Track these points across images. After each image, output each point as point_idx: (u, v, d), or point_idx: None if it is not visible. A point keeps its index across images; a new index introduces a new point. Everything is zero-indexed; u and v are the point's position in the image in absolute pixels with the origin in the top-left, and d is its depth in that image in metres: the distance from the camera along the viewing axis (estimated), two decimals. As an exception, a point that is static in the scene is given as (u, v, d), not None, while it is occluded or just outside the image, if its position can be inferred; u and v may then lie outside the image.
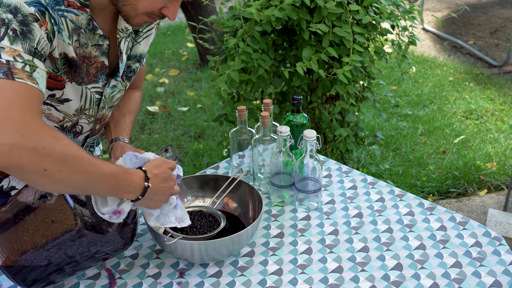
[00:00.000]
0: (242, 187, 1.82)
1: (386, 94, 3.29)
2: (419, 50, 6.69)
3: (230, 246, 1.57)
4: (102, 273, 1.60)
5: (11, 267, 1.37)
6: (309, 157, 1.80)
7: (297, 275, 1.58)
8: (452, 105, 5.15)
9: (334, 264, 1.62)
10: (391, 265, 1.61)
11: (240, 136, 1.95)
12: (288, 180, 1.87)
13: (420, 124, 4.79)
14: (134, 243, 1.73)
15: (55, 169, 1.18)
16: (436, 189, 3.86)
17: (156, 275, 1.60)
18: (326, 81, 2.81)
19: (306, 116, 1.98)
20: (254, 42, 2.67)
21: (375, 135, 3.38)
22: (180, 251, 1.55)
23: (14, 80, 1.20)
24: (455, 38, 6.95)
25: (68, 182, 1.22)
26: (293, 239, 1.74)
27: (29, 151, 1.13)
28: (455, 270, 1.59)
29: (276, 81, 2.91)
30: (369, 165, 3.89)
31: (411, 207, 1.89)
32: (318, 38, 2.73)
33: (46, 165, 1.16)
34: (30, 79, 1.23)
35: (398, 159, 4.23)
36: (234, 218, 1.80)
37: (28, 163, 1.14)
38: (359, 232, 1.77)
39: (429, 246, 1.70)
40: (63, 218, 1.35)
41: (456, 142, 4.47)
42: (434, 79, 5.78)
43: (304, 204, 1.88)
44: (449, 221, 1.81)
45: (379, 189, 2.00)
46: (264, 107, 1.94)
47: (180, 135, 4.67)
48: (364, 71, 3.01)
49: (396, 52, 2.94)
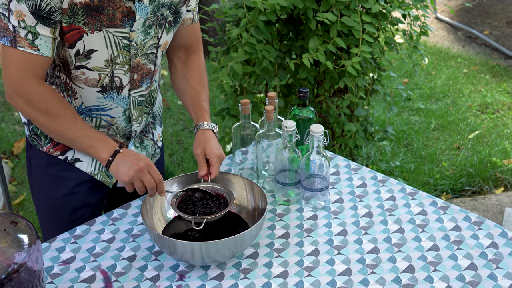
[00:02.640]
0: (245, 185, 1.81)
1: (397, 87, 3.29)
2: (432, 41, 6.67)
3: (233, 247, 1.57)
4: (97, 276, 1.60)
5: None
6: (316, 154, 1.79)
7: (303, 277, 1.58)
8: (467, 99, 5.14)
9: (342, 266, 1.62)
10: (402, 267, 1.61)
11: (243, 131, 1.95)
12: (294, 177, 1.87)
13: (433, 118, 4.78)
14: (131, 244, 1.73)
15: (40, 120, 1.67)
16: (450, 187, 3.86)
17: (154, 277, 1.59)
18: (334, 73, 2.81)
19: (312, 110, 1.98)
20: (258, 32, 2.67)
21: (385, 130, 3.38)
22: (180, 253, 1.55)
23: (16, 48, 1.57)
24: (470, 27, 6.93)
25: (51, 132, 1.70)
26: (299, 239, 1.74)
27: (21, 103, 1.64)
28: (470, 273, 1.58)
29: (281, 73, 2.91)
30: (379, 162, 3.89)
31: (423, 206, 1.89)
32: (326, 28, 2.72)
33: (33, 116, 1.66)
34: (31, 47, 1.57)
35: (410, 155, 4.22)
36: (237, 218, 1.80)
37: (21, 110, 1.67)
38: (368, 233, 1.76)
39: (442, 247, 1.69)
40: None
41: (471, 138, 4.46)
42: (447, 71, 5.77)
43: (311, 203, 1.88)
44: (464, 221, 1.81)
45: (389, 187, 1.99)
46: (268, 100, 1.93)
47: (180, 130, 4.67)
48: (374, 63, 3.01)
49: (408, 42, 2.93)
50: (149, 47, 1.77)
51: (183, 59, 1.99)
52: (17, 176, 4.07)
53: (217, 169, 1.78)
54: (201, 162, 1.79)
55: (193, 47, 2.00)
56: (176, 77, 1.99)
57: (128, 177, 1.66)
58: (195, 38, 2.00)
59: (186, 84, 1.96)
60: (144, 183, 1.67)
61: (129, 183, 1.68)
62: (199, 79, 1.97)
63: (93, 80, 1.73)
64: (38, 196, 1.96)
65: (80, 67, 1.70)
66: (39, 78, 1.64)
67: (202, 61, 2.02)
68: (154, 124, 2.08)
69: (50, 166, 1.89)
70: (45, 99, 1.64)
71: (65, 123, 1.68)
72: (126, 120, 1.87)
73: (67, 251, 1.71)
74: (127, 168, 1.66)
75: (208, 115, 1.90)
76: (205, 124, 1.86)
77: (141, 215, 1.65)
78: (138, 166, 1.66)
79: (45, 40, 1.58)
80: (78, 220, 1.93)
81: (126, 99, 1.82)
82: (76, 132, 1.69)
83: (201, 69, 2.00)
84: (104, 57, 1.69)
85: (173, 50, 1.98)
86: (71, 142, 1.72)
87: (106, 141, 1.71)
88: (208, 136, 1.83)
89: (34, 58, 1.60)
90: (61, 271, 1.63)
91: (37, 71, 1.62)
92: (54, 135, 1.72)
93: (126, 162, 1.67)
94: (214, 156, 1.78)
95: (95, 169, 1.91)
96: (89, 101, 1.78)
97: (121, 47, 1.70)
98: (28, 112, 1.66)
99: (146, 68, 1.81)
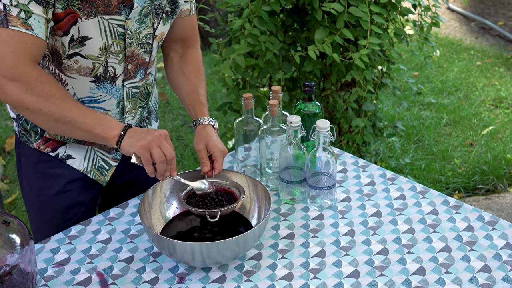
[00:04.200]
0: (248, 183, 1.81)
1: (407, 80, 3.29)
2: (443, 32, 6.66)
3: (235, 248, 1.57)
4: (93, 278, 1.60)
5: None
6: (322, 150, 1.79)
7: (309, 280, 1.58)
8: (480, 93, 5.13)
9: (349, 268, 1.62)
10: (412, 269, 1.61)
11: (246, 127, 1.95)
12: (299, 175, 1.87)
13: (445, 113, 4.77)
14: (128, 244, 1.73)
15: (36, 105, 1.57)
16: (463, 186, 3.86)
17: (153, 280, 1.59)
18: (341, 66, 2.81)
19: (318, 104, 1.98)
20: (262, 23, 2.67)
21: (395, 126, 3.37)
22: (179, 254, 1.55)
23: (8, 28, 1.51)
24: (484, 18, 6.92)
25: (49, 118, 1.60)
26: (304, 240, 1.74)
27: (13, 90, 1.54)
28: (483, 275, 1.58)
29: (285, 66, 2.91)
30: (388, 159, 3.88)
31: (434, 205, 1.88)
32: (332, 19, 2.72)
33: (27, 103, 1.56)
34: (24, 26, 1.52)
35: (421, 152, 4.22)
36: (240, 217, 1.80)
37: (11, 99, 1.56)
38: (377, 233, 1.76)
39: (454, 248, 1.69)
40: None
41: (484, 134, 4.45)
42: (460, 63, 5.76)
43: (317, 201, 1.88)
44: (477, 221, 1.80)
45: (399, 186, 1.99)
46: (272, 94, 1.93)
47: (179, 126, 4.67)
48: (382, 55, 3.00)
49: (418, 34, 2.93)
50: (144, 36, 1.77)
51: (180, 52, 1.99)
52: (9, 174, 4.08)
53: (221, 164, 1.78)
54: (204, 158, 1.79)
55: (190, 40, 2.01)
56: (172, 71, 1.99)
57: (146, 142, 1.58)
58: (192, 31, 2.00)
59: (184, 78, 1.96)
60: (163, 150, 1.60)
61: (147, 150, 1.59)
62: (197, 73, 1.98)
63: (86, 69, 1.73)
64: (29, 195, 1.97)
65: (73, 55, 1.68)
66: (34, 61, 1.58)
67: (199, 54, 2.03)
68: (150, 119, 2.08)
69: (40, 163, 1.89)
70: (41, 80, 1.58)
71: (66, 104, 1.60)
72: (119, 112, 1.87)
73: (62, 252, 1.71)
74: (143, 135, 1.60)
75: (207, 110, 1.90)
76: (205, 119, 1.86)
77: (139, 214, 1.64)
78: (156, 132, 1.61)
79: (38, 20, 1.54)
80: (70, 220, 1.93)
81: (119, 89, 1.82)
82: (78, 113, 1.61)
83: (199, 63, 2.00)
84: (98, 45, 1.68)
85: (169, 43, 1.98)
86: (73, 125, 1.61)
87: (113, 120, 1.65)
88: (210, 131, 1.83)
89: (28, 38, 1.54)
90: (55, 273, 1.62)
91: (31, 53, 1.57)
92: (52, 121, 1.61)
93: (140, 132, 1.62)
94: (218, 151, 1.78)
95: (88, 167, 1.91)
96: (82, 92, 1.77)
97: (116, 35, 1.70)
98: (22, 99, 1.56)
99: (141, 59, 1.81)
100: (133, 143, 1.60)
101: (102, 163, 1.93)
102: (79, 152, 1.90)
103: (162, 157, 1.60)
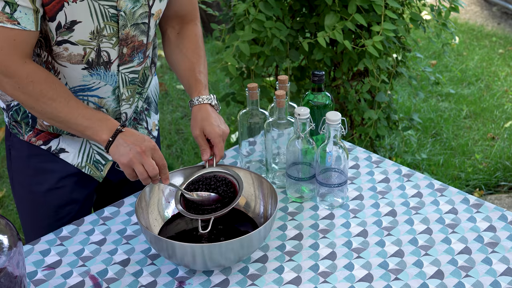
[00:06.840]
0: (253, 180, 1.81)
1: (424, 69, 3.28)
2: (463, 17, 6.65)
3: (239, 250, 1.57)
4: (86, 282, 1.61)
5: None
6: (332, 144, 1.79)
7: (318, 284, 1.58)
8: (503, 83, 5.13)
9: (362, 272, 1.62)
10: (430, 272, 1.61)
11: (250, 119, 1.95)
12: (308, 171, 1.87)
13: (465, 105, 4.77)
14: (124, 246, 1.73)
15: (29, 103, 1.66)
16: (484, 183, 3.85)
17: (150, 284, 1.60)
18: (353, 54, 2.80)
19: (329, 95, 1.98)
20: (268, 7, 2.66)
21: (411, 118, 3.37)
22: (179, 256, 1.55)
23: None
24: (506, 2, 6.90)
25: (43, 116, 1.69)
26: (313, 241, 1.74)
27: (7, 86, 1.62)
28: (506, 279, 1.58)
29: (293, 54, 2.90)
30: (403, 154, 3.88)
31: (453, 204, 1.88)
32: (344, 3, 2.72)
33: (21, 100, 1.65)
34: (10, 21, 1.55)
35: (438, 146, 4.22)
36: (244, 217, 1.80)
37: (8, 94, 1.65)
38: (392, 234, 1.76)
39: (475, 250, 1.69)
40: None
41: (507, 127, 4.45)
42: (481, 51, 5.76)
43: (327, 200, 1.88)
44: (499, 220, 1.80)
45: (415, 183, 1.99)
46: (279, 84, 1.93)
47: (179, 118, 4.68)
48: (397, 42, 3.00)
49: (436, 19, 2.92)
50: (140, 16, 1.75)
51: (177, 29, 1.98)
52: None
53: (221, 150, 1.77)
54: (202, 144, 1.78)
55: (188, 16, 1.99)
56: (169, 49, 1.99)
57: (127, 159, 1.63)
58: (190, 6, 1.98)
59: (180, 55, 1.95)
60: (145, 168, 1.64)
61: (128, 167, 1.65)
62: (195, 49, 1.96)
63: (77, 56, 1.72)
64: (19, 192, 1.97)
65: (62, 42, 1.68)
66: (24, 56, 1.62)
67: (198, 30, 2.01)
68: (149, 111, 2.08)
69: (31, 157, 1.89)
70: (31, 79, 1.62)
71: (57, 104, 1.65)
72: (116, 100, 1.86)
73: (52, 254, 1.71)
74: (127, 150, 1.63)
75: (206, 88, 1.88)
76: (200, 98, 1.83)
77: (135, 213, 1.65)
78: (139, 148, 1.63)
79: (25, 12, 1.55)
80: (63, 219, 1.93)
81: (115, 75, 1.81)
82: (70, 114, 1.66)
83: (197, 38, 1.98)
84: (89, 29, 1.67)
85: (166, 21, 1.97)
86: (65, 124, 1.69)
87: (106, 120, 1.68)
88: (205, 112, 1.80)
89: (16, 33, 1.57)
90: (45, 276, 1.63)
91: (21, 48, 1.60)
92: (46, 118, 1.70)
93: (127, 144, 1.64)
94: (216, 136, 1.76)
95: (82, 161, 1.91)
96: (74, 81, 1.77)
97: (108, 17, 1.68)
98: (16, 95, 1.64)
99: (138, 41, 1.80)
100: (117, 155, 1.65)
101: (98, 157, 1.93)
102: (73, 145, 1.90)
103: (144, 174, 1.65)
